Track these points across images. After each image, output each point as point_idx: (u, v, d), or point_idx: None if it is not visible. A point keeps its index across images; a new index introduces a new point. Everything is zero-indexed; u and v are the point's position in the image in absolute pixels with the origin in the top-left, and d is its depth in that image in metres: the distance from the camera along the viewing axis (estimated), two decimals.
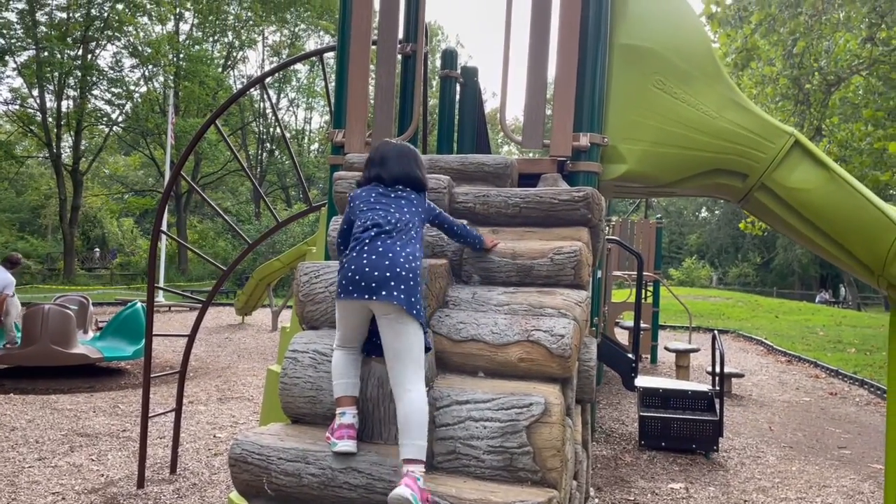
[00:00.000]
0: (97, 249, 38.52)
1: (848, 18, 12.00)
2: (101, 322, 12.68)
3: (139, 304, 10.88)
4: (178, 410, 5.85)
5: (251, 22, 37.59)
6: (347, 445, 2.33)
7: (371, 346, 2.55)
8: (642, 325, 12.05)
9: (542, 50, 3.67)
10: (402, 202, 2.60)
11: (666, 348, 11.46)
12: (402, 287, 2.34)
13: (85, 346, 9.86)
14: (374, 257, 2.37)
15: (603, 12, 3.62)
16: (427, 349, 2.42)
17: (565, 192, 3.22)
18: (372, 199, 2.59)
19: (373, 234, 2.44)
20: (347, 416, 2.40)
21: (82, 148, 33.83)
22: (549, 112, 3.99)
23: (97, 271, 36.20)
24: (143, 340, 6.57)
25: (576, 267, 2.97)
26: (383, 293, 2.31)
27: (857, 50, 12.42)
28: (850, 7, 10.84)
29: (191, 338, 5.78)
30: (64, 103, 30.93)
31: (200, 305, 5.99)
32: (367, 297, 2.32)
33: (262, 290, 16.71)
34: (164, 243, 23.14)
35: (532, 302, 2.84)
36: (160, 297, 21.08)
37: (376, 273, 2.34)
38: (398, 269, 2.36)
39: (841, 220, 3.41)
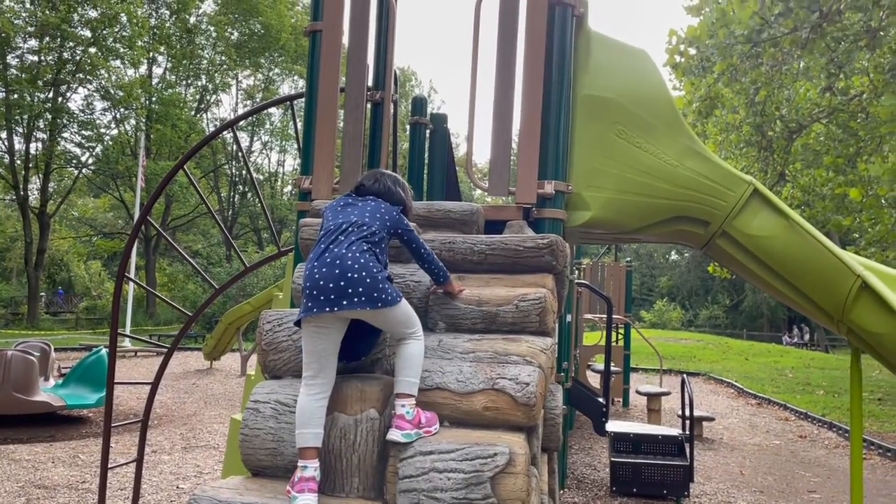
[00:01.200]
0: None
1: (807, 69, 12.41)
2: (63, 368, 12.37)
3: (103, 351, 10.64)
4: (139, 461, 5.69)
5: (225, 66, 37.81)
6: (308, 500, 2.30)
7: (344, 351, 2.60)
8: (614, 368, 12.10)
9: (507, 99, 3.74)
10: (368, 207, 2.68)
11: (637, 391, 11.47)
12: (360, 289, 2.40)
13: (47, 393, 9.59)
14: (325, 269, 2.43)
15: (566, 64, 3.71)
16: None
17: (530, 240, 3.25)
18: (339, 207, 2.70)
19: (322, 242, 2.55)
20: (309, 469, 2.36)
21: (50, 190, 33.43)
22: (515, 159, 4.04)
23: (62, 315, 35.44)
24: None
25: (541, 314, 2.97)
26: (344, 303, 2.38)
27: (816, 99, 12.83)
28: (808, 58, 11.22)
29: (154, 385, 5.65)
30: (33, 145, 30.64)
31: (167, 351, 5.88)
32: (327, 308, 2.38)
33: (231, 334, 16.49)
34: (131, 286, 22.78)
35: (497, 349, 2.84)
36: (126, 342, 20.67)
37: (330, 285, 2.39)
38: (350, 274, 2.41)
39: (800, 266, 3.48)
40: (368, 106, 4.34)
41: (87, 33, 28.79)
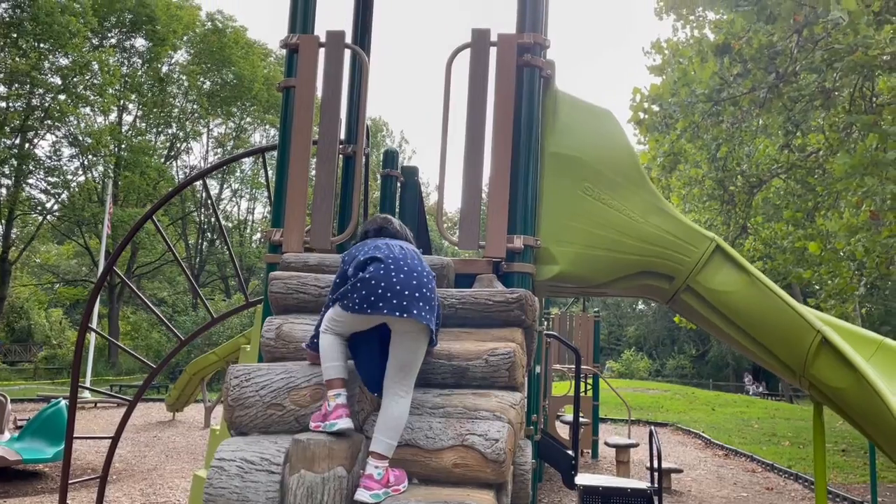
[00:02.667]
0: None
1: (766, 126, 12.84)
2: (20, 421, 11.97)
3: (62, 403, 10.34)
4: None
5: (196, 114, 37.87)
6: (347, 422, 2.50)
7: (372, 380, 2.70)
8: (583, 419, 12.07)
9: (477, 156, 3.82)
10: (407, 245, 2.80)
11: (606, 443, 11.44)
12: (428, 308, 2.54)
13: (2, 447, 9.26)
14: (402, 276, 2.53)
15: (534, 123, 3.82)
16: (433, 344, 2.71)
17: (499, 294, 3.29)
18: (371, 242, 2.77)
19: (394, 258, 2.60)
20: (342, 396, 2.56)
21: (13, 237, 32.81)
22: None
23: (20, 365, 34.39)
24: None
25: (510, 368, 3.00)
26: (414, 312, 2.48)
27: (775, 155, 13.26)
28: (767, 116, 11.63)
29: (114, 440, 5.52)
30: None
31: (129, 403, 5.75)
32: (397, 313, 2.46)
33: (195, 384, 16.14)
34: (93, 335, 22.27)
35: (467, 404, 2.85)
36: (86, 393, 20.10)
37: (406, 291, 2.50)
38: (424, 290, 2.55)
39: (762, 321, 3.57)
40: (340, 157, 4.40)
41: (58, 80, 28.69)
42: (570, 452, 6.96)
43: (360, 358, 2.75)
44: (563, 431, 12.96)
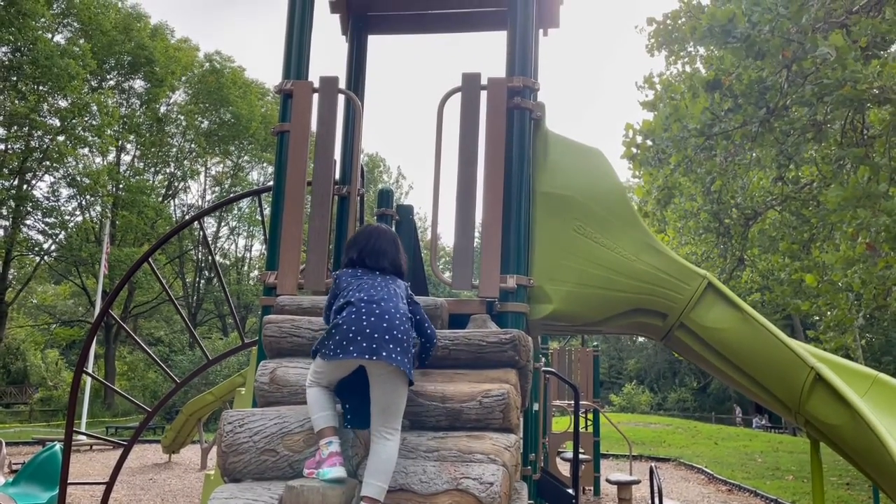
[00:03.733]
0: None
1: (759, 159, 12.96)
2: (15, 465, 11.84)
3: (57, 446, 10.21)
4: None
5: (194, 154, 38.14)
6: (340, 471, 2.49)
7: (350, 414, 2.77)
8: (583, 455, 11.95)
9: (469, 196, 3.85)
10: (388, 282, 2.87)
11: (607, 480, 11.31)
12: (399, 349, 2.58)
13: None
14: (372, 319, 2.60)
15: (525, 163, 3.86)
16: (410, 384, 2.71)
17: (493, 335, 3.29)
18: (358, 275, 2.86)
19: (367, 300, 2.67)
20: (335, 444, 2.58)
21: (10, 277, 32.76)
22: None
23: (15, 407, 34.06)
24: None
25: (504, 410, 2.99)
26: (384, 354, 2.53)
27: (769, 187, 13.35)
28: (759, 150, 11.74)
29: (109, 484, 5.47)
30: None
31: (124, 445, 5.70)
32: (367, 356, 2.53)
33: (192, 425, 15.97)
34: (89, 377, 22.12)
35: (461, 447, 2.83)
36: (82, 436, 19.89)
37: (376, 334, 2.56)
38: (395, 332, 2.60)
39: (755, 358, 3.57)
40: (335, 198, 4.44)
41: (57, 122, 28.95)
42: (570, 491, 6.89)
43: (351, 399, 2.79)
44: (565, 469, 12.83)
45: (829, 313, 12.25)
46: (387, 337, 2.57)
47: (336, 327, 2.62)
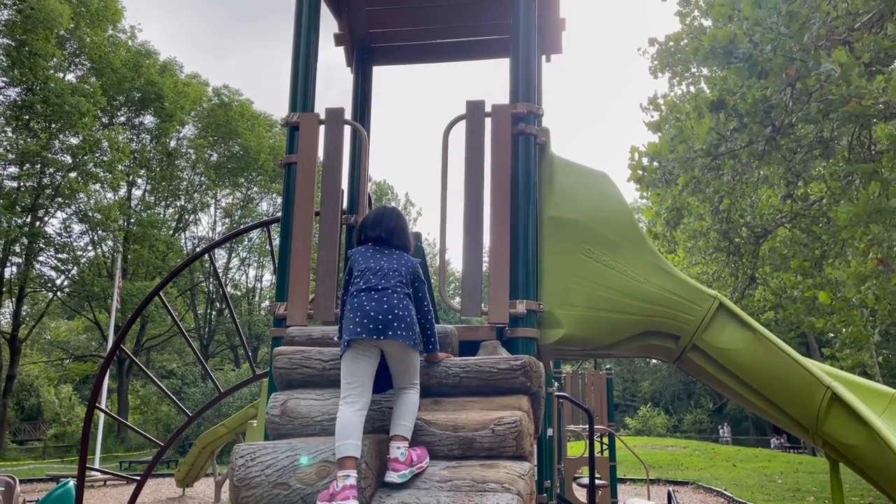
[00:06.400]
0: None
1: (766, 177, 12.93)
2: (29, 502, 11.79)
3: (71, 483, 10.18)
4: None
5: (204, 186, 38.44)
6: None
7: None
8: (600, 481, 11.79)
9: (476, 223, 3.86)
10: (394, 258, 3.14)
11: None
12: (402, 326, 2.93)
13: None
14: (374, 303, 2.94)
15: (531, 189, 3.87)
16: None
17: (504, 361, 3.27)
18: (368, 254, 3.14)
19: (368, 289, 3.00)
20: (351, 478, 2.61)
21: (23, 314, 32.94)
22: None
23: (29, 444, 34.05)
24: None
25: (517, 437, 2.96)
26: (389, 332, 2.89)
27: (778, 205, 13.30)
28: (767, 168, 11.73)
29: None
30: (7, 270, 30.45)
31: (137, 480, 5.68)
32: (374, 336, 2.88)
33: (205, 458, 15.90)
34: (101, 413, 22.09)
35: (475, 477, 2.81)
36: (95, 472, 19.81)
37: (379, 317, 2.91)
38: (396, 311, 2.95)
39: (770, 378, 3.53)
40: (344, 228, 4.46)
41: (68, 159, 29.30)
42: None
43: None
44: (581, 495, 12.66)
45: (844, 330, 12.10)
46: (390, 316, 2.91)
47: (346, 317, 2.98)
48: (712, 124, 9.87)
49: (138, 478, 5.76)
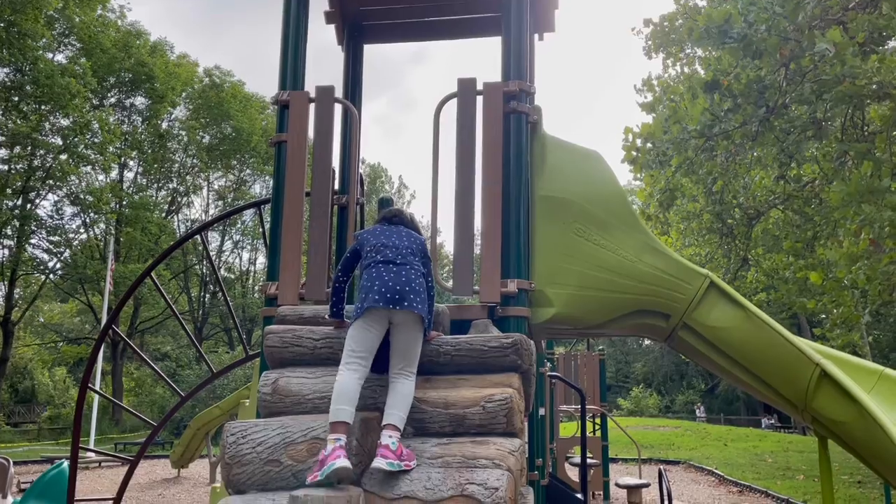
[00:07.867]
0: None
1: (759, 158, 12.93)
2: (24, 484, 11.82)
3: (65, 464, 10.19)
4: None
5: (196, 168, 38.21)
6: (344, 462, 2.54)
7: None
8: (592, 460, 11.89)
9: (468, 202, 3.85)
10: (403, 236, 3.20)
11: (617, 484, 11.25)
12: (419, 299, 2.98)
13: None
14: (392, 275, 2.99)
15: (522, 167, 3.86)
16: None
17: (495, 339, 3.28)
18: (378, 231, 3.21)
19: (386, 261, 3.05)
20: (342, 440, 2.63)
21: (16, 297, 32.82)
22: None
23: (24, 426, 34.08)
24: None
25: (507, 415, 2.98)
26: (405, 303, 2.93)
27: (771, 186, 13.31)
28: (760, 149, 11.72)
29: (116, 501, 5.45)
30: None
31: (131, 460, 5.70)
32: (391, 306, 2.91)
33: (199, 439, 15.94)
34: (96, 394, 22.12)
35: (465, 453, 2.82)
36: (90, 452, 19.86)
37: (398, 287, 2.95)
38: (413, 285, 3.00)
39: (760, 356, 3.55)
40: (335, 208, 4.44)
41: (59, 141, 29.05)
42: (578, 496, 6.85)
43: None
44: (573, 474, 12.76)
45: (835, 311, 12.16)
46: (407, 289, 2.96)
47: (362, 288, 3.01)
48: (706, 105, 9.85)
49: (132, 458, 5.77)
